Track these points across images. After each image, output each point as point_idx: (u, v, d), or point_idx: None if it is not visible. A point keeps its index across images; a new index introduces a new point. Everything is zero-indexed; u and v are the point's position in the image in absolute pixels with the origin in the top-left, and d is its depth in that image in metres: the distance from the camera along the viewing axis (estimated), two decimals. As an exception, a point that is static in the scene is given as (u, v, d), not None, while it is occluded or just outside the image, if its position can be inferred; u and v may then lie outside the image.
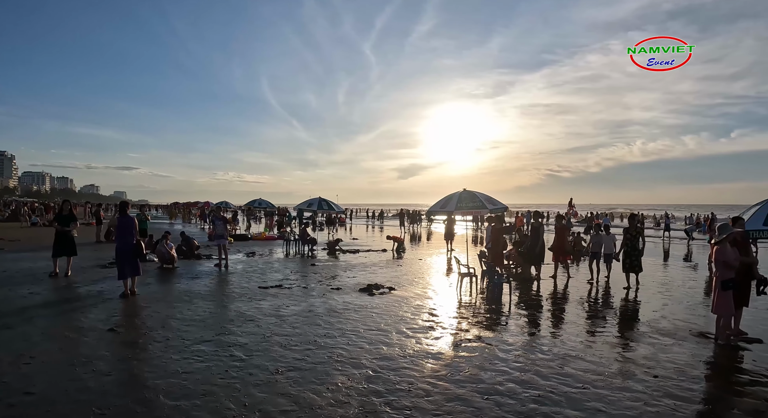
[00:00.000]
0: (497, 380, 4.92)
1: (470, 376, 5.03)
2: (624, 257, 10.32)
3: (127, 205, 8.79)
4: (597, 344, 6.36)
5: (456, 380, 4.88)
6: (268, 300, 8.42)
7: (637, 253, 10.26)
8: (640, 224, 14.68)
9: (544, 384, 4.82)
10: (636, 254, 10.25)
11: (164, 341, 5.86)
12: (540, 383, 4.86)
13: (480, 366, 5.33)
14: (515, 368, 5.30)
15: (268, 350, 5.60)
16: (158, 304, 7.92)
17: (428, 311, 7.91)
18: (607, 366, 5.42)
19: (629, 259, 10.25)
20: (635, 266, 10.23)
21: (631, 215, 11.38)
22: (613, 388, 4.77)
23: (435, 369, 5.20)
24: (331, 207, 19.48)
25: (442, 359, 5.53)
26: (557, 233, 12.27)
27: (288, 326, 6.71)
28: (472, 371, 5.19)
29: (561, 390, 4.67)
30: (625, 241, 10.45)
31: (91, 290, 8.91)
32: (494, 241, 11.87)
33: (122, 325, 6.57)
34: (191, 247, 14.66)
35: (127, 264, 8.35)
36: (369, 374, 4.99)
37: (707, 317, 7.81)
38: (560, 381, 4.91)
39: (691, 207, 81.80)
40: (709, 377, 5.30)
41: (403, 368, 5.19)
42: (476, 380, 4.90)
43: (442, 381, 4.85)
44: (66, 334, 6.08)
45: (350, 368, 5.13)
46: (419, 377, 4.93)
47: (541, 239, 11.70)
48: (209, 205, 36.17)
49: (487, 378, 4.96)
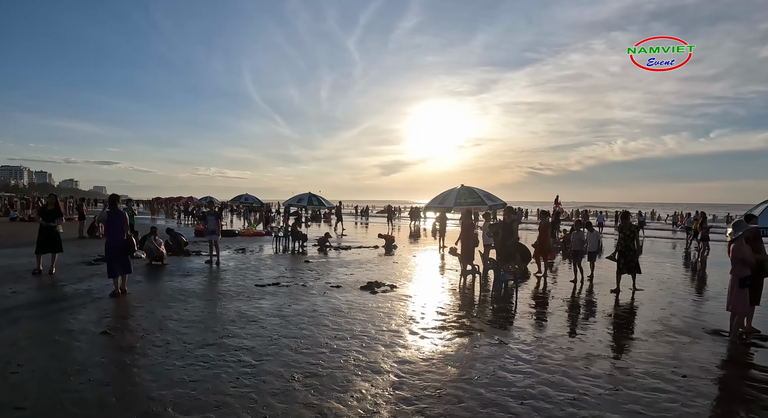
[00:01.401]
0: (527, 382, 4.65)
1: (498, 379, 4.73)
2: (618, 257, 9.58)
3: (117, 198, 8.18)
4: (616, 342, 6.15)
5: (485, 384, 4.57)
6: (267, 299, 7.96)
7: (632, 253, 9.52)
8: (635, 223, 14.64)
9: (576, 386, 4.57)
10: (631, 255, 9.51)
11: (164, 345, 5.37)
12: (571, 384, 4.61)
13: (504, 368, 5.04)
14: (541, 369, 5.04)
15: (278, 354, 5.17)
16: (152, 303, 7.38)
17: (436, 310, 7.57)
18: (633, 366, 5.22)
19: (624, 259, 9.52)
20: (631, 267, 9.52)
21: (625, 213, 10.67)
22: (645, 389, 4.58)
23: (459, 372, 4.88)
24: (321, 203, 19.01)
25: (464, 361, 5.21)
26: (540, 230, 11.61)
27: (294, 327, 6.28)
28: (499, 373, 4.89)
29: (594, 392, 4.44)
30: (619, 241, 9.75)
31: (79, 289, 8.30)
32: (465, 237, 11.17)
33: (116, 327, 6.04)
34: (179, 243, 14.03)
35: (118, 261, 7.77)
36: (392, 379, 4.63)
37: (715, 314, 7.73)
38: (591, 383, 4.67)
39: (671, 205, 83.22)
40: (735, 375, 5.16)
41: (425, 372, 4.84)
42: (506, 383, 4.60)
43: (470, 385, 4.54)
44: (56, 338, 5.53)
45: (371, 373, 4.75)
46: (445, 381, 4.61)
47: (513, 236, 10.78)
48: (193, 201, 35.25)
49: (516, 381, 4.67)
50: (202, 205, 33.52)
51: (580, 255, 10.68)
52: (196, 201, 35.03)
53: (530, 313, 7.61)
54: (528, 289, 9.66)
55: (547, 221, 11.70)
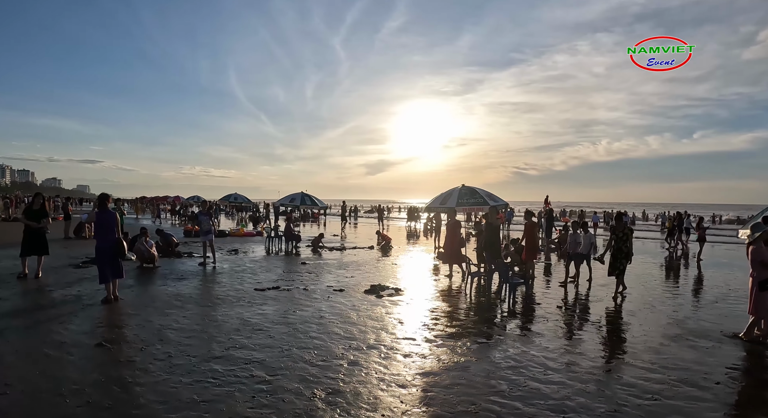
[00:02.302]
0: (563, 394, 4.35)
1: (532, 391, 4.41)
2: (611, 260, 8.98)
3: (107, 198, 7.60)
4: (639, 348, 5.88)
5: (520, 397, 4.25)
6: (270, 304, 7.50)
7: (623, 256, 8.93)
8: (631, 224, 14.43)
9: (613, 396, 4.32)
10: (621, 257, 8.93)
11: (166, 358, 4.90)
12: (608, 395, 4.36)
13: (535, 378, 4.72)
14: (573, 378, 4.75)
15: (293, 368, 4.75)
16: (147, 311, 6.86)
17: (448, 316, 7.22)
18: (664, 373, 4.99)
19: (616, 261, 8.95)
20: (619, 270, 8.93)
21: (619, 214, 10.20)
22: (684, 397, 4.37)
23: (490, 384, 4.54)
24: (314, 202, 18.52)
25: (491, 372, 4.86)
26: (526, 230, 10.76)
27: (304, 336, 5.86)
28: (531, 384, 4.57)
29: (633, 403, 4.20)
30: (609, 242, 9.16)
31: (68, 295, 7.71)
32: (450, 237, 10.77)
33: (112, 338, 5.52)
34: (170, 244, 13.41)
35: (109, 265, 7.22)
36: (421, 394, 4.27)
37: (729, 317, 7.59)
38: (627, 392, 4.42)
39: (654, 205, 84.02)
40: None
41: (454, 385, 4.48)
42: (541, 396, 4.30)
43: (505, 399, 4.21)
44: (46, 351, 5.00)
45: (396, 388, 4.37)
46: (477, 395, 4.27)
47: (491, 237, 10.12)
48: (180, 200, 34.34)
49: (551, 393, 4.37)
50: (189, 205, 32.74)
51: (576, 257, 10.28)
52: (183, 200, 34.16)
53: (543, 317, 7.29)
54: (526, 292, 9.37)
55: (533, 221, 11.04)
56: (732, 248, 20.03)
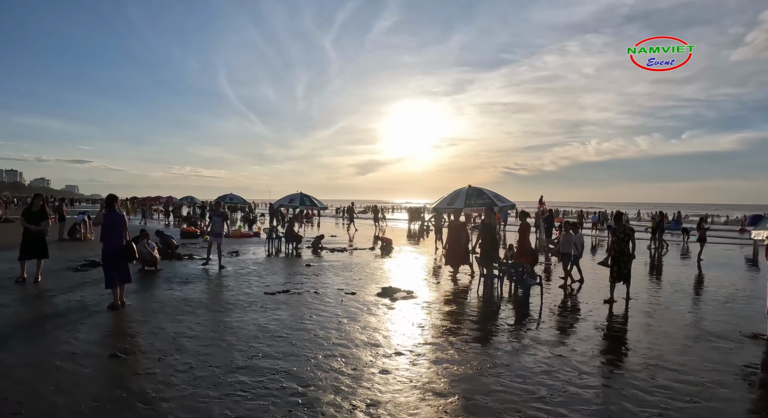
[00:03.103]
0: (603, 398, 4.25)
1: (572, 396, 4.23)
2: (612, 263, 8.39)
3: (115, 199, 7.19)
4: (665, 349, 5.74)
5: (562, 403, 4.07)
6: (283, 309, 7.19)
7: (626, 258, 8.31)
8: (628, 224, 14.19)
9: (654, 400, 4.19)
10: (625, 260, 8.31)
11: (188, 369, 4.58)
12: (648, 399, 4.22)
13: (572, 383, 4.55)
14: (609, 382, 4.66)
15: (324, 378, 4.46)
16: (157, 317, 6.50)
17: (467, 319, 6.99)
18: (696, 375, 4.88)
19: (617, 266, 8.31)
20: (625, 274, 8.30)
21: (618, 214, 9.34)
22: (721, 399, 4.28)
23: (529, 390, 4.34)
24: (313, 203, 18.17)
25: (527, 377, 4.66)
26: (520, 231, 10.37)
27: (326, 343, 5.57)
28: (570, 389, 4.39)
29: (675, 406, 4.08)
30: (611, 244, 8.56)
31: (71, 300, 7.30)
32: (453, 239, 10.39)
33: (125, 348, 5.16)
34: (170, 246, 12.98)
35: (117, 270, 6.84)
36: (463, 402, 4.04)
37: (742, 317, 7.51)
38: (666, 395, 4.31)
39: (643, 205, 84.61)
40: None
41: (494, 392, 4.27)
42: (582, 401, 4.12)
43: (548, 405, 4.02)
44: (57, 364, 4.64)
45: (435, 397, 4.13)
46: (519, 402, 4.07)
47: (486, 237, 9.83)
48: (172, 201, 33.63)
49: (591, 398, 4.20)
50: (181, 205, 32.10)
51: (568, 259, 10.04)
52: (176, 201, 33.46)
53: (561, 319, 7.10)
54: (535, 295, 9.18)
55: (527, 222, 10.56)
56: (730, 249, 20.19)
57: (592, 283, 10.05)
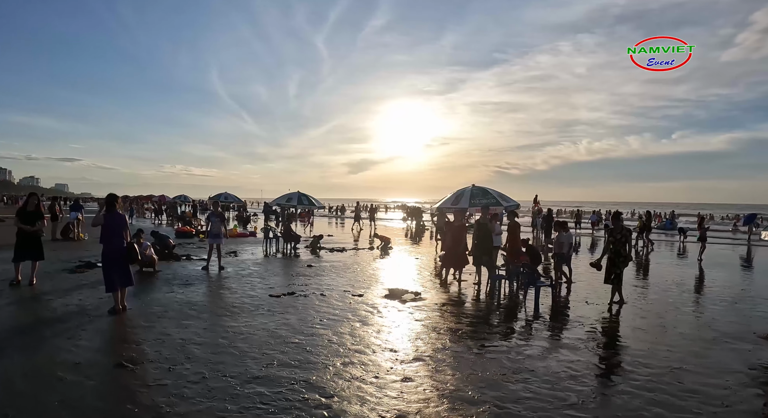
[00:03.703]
0: (636, 403, 4.08)
1: (605, 401, 4.10)
2: (608, 264, 8.00)
3: (116, 199, 6.83)
4: (684, 351, 5.63)
5: (595, 409, 3.94)
6: (291, 313, 6.90)
7: (622, 260, 7.90)
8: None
9: (685, 405, 4.09)
10: (620, 262, 7.90)
11: (201, 380, 4.27)
12: (679, 404, 4.11)
13: (601, 388, 4.44)
14: (637, 386, 4.47)
15: (347, 388, 4.20)
16: (161, 322, 6.17)
17: (481, 322, 6.78)
18: (721, 377, 4.77)
19: (613, 267, 7.96)
20: (617, 275, 7.95)
21: (616, 214, 8.69)
22: (751, 403, 4.22)
23: (560, 397, 4.16)
24: (311, 202, 17.82)
25: (554, 383, 4.48)
26: (509, 231, 10.17)
27: (342, 348, 5.31)
28: (600, 395, 4.24)
29: (708, 411, 3.99)
30: (607, 245, 8.18)
31: (69, 304, 6.92)
32: (455, 240, 9.79)
33: (131, 357, 4.83)
34: (167, 246, 12.57)
35: (118, 272, 6.49)
36: (495, 411, 3.83)
37: (752, 318, 7.48)
38: (697, 400, 4.21)
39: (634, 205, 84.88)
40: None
41: (524, 399, 4.08)
42: (617, 407, 4.00)
43: (582, 412, 3.86)
44: (59, 374, 4.30)
45: (465, 405, 3.93)
46: (553, 409, 3.91)
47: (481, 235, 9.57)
48: (165, 199, 32.98)
49: (624, 403, 4.08)
50: (177, 204, 31.47)
51: (562, 259, 9.82)
52: (169, 200, 32.81)
53: (576, 321, 6.90)
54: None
55: (516, 222, 10.29)
56: (724, 248, 20.26)
57: (597, 284, 9.87)
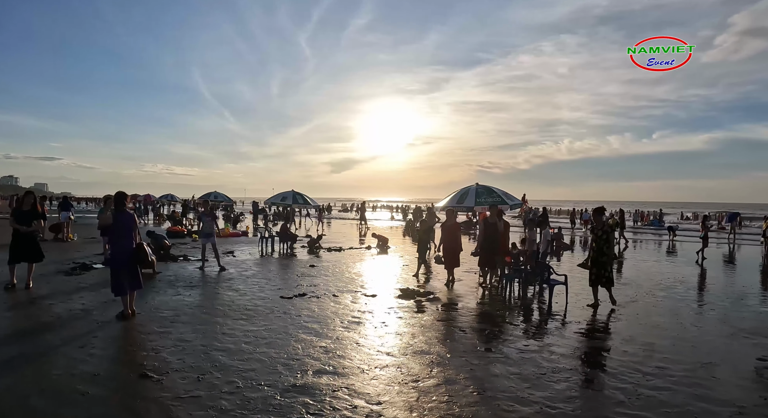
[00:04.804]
0: (679, 399, 4.03)
1: (650, 399, 4.01)
2: (591, 265, 7.41)
3: (125, 197, 6.37)
4: (708, 347, 5.59)
5: (644, 407, 3.87)
6: (308, 315, 6.56)
7: (605, 260, 7.28)
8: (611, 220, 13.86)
9: (728, 399, 4.03)
10: (603, 262, 7.28)
11: (236, 390, 3.93)
12: (722, 397, 4.08)
13: (642, 385, 4.33)
14: (675, 382, 4.42)
15: (389, 392, 3.93)
16: (177, 327, 5.77)
17: (503, 322, 6.58)
18: (751, 370, 4.82)
19: (595, 268, 7.33)
20: (604, 279, 7.31)
21: (598, 209, 7.74)
22: None
23: (606, 396, 4.09)
24: (306, 201, 17.43)
25: (596, 381, 4.42)
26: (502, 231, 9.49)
27: (372, 352, 5.05)
28: (643, 392, 4.15)
29: (751, 403, 3.97)
30: (590, 244, 7.61)
31: (73, 309, 6.44)
32: (448, 240, 9.37)
33: (154, 366, 4.44)
34: (162, 247, 12.02)
35: (127, 275, 6.06)
36: (547, 411, 3.71)
37: (763, 313, 7.50)
38: (738, 393, 4.19)
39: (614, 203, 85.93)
40: None
41: (573, 399, 3.97)
42: (662, 404, 3.94)
43: (631, 409, 3.81)
44: (80, 389, 3.89)
45: (517, 405, 3.79)
46: (602, 408, 3.85)
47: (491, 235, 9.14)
48: (151, 198, 31.95)
49: (668, 400, 4.02)
50: (163, 203, 30.53)
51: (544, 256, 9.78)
52: (155, 199, 31.80)
53: (596, 319, 6.78)
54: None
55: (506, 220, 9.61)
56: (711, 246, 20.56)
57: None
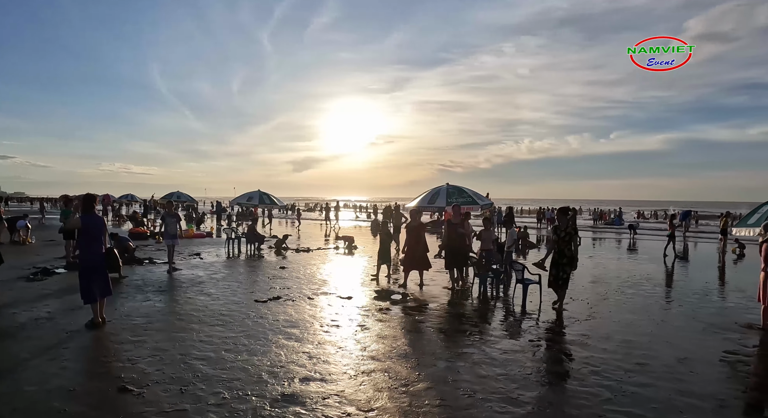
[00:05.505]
0: (663, 395, 4.24)
1: (635, 394, 4.23)
2: (551, 266, 7.24)
3: (94, 199, 6.02)
4: (683, 343, 5.86)
5: (631, 403, 4.04)
6: (286, 319, 6.45)
7: (565, 261, 7.13)
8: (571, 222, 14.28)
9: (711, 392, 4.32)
10: (564, 264, 7.13)
11: (223, 402, 3.82)
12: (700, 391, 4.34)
13: (625, 382, 4.50)
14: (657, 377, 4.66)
15: (380, 399, 3.94)
16: (151, 335, 5.53)
17: (483, 322, 6.70)
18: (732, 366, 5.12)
19: (555, 269, 7.18)
20: (560, 279, 7.17)
21: (562, 209, 7.56)
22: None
23: (594, 393, 4.21)
24: (273, 201, 17.11)
25: (581, 380, 4.52)
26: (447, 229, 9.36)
27: (356, 356, 5.02)
28: (627, 389, 4.35)
29: (731, 396, 4.25)
30: (551, 245, 7.38)
31: (38, 318, 6.06)
32: (413, 241, 8.98)
33: (132, 378, 4.24)
34: (127, 249, 11.47)
35: (97, 281, 5.75)
36: (538, 410, 3.85)
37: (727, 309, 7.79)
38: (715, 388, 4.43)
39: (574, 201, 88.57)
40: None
41: (561, 397, 4.11)
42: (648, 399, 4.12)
43: (621, 406, 3.95)
44: (56, 406, 3.67)
45: (510, 406, 3.88)
46: (592, 406, 3.95)
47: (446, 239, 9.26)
48: (110, 199, 30.37)
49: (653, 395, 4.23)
50: (122, 203, 29.12)
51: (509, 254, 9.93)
52: (114, 199, 30.29)
53: (572, 317, 7.00)
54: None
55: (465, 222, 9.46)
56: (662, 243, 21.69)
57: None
